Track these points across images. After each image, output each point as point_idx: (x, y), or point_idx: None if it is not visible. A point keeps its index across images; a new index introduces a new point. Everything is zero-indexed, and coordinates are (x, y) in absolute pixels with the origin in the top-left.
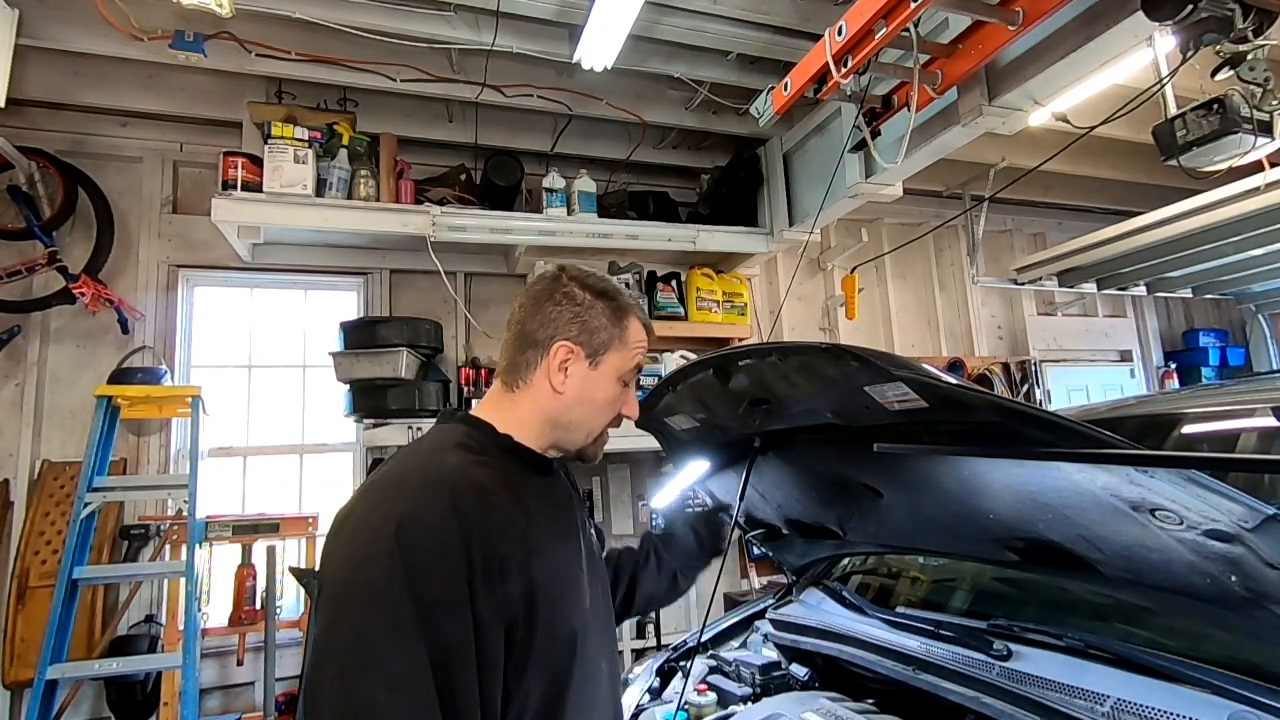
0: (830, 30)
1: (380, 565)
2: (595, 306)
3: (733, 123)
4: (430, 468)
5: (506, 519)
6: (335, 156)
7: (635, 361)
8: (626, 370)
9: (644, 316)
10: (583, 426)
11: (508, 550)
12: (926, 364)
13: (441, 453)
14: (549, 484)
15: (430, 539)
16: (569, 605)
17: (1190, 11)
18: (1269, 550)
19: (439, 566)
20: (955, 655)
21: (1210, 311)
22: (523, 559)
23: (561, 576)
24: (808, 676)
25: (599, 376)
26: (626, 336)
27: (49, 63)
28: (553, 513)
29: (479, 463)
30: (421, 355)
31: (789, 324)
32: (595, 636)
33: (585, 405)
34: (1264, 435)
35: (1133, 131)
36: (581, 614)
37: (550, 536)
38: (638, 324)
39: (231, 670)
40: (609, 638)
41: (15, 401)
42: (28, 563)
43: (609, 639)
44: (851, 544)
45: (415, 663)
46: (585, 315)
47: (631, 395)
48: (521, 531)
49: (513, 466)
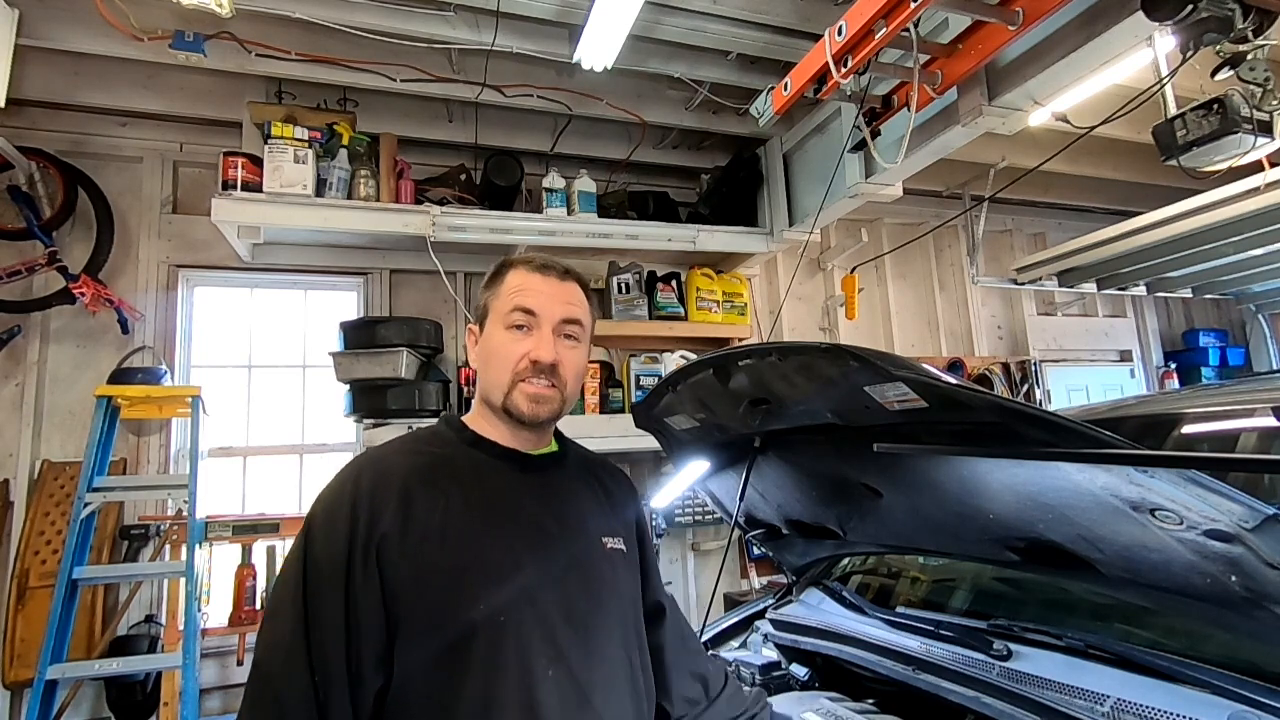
0: (830, 30)
1: (299, 537)
2: (482, 288)
3: (733, 123)
4: (359, 458)
5: (404, 501)
6: (335, 156)
7: (513, 302)
8: (505, 311)
9: (533, 259)
10: (493, 384)
11: (389, 530)
12: (926, 364)
13: (386, 445)
14: (519, 478)
15: (324, 516)
16: (475, 592)
17: (1190, 11)
18: (1269, 550)
19: (327, 539)
20: (955, 655)
21: (1210, 311)
22: (416, 541)
23: (472, 562)
24: (808, 676)
25: (488, 335)
26: (501, 288)
27: (49, 63)
28: (499, 503)
29: (414, 452)
30: (421, 355)
31: (789, 324)
32: (541, 637)
33: (484, 362)
34: (1264, 435)
35: (1133, 131)
36: (502, 605)
37: (482, 525)
38: (517, 270)
39: (231, 670)
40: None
41: (15, 401)
42: (28, 563)
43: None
44: (851, 544)
45: (293, 615)
46: (476, 301)
47: (534, 336)
48: (428, 515)
49: (469, 458)
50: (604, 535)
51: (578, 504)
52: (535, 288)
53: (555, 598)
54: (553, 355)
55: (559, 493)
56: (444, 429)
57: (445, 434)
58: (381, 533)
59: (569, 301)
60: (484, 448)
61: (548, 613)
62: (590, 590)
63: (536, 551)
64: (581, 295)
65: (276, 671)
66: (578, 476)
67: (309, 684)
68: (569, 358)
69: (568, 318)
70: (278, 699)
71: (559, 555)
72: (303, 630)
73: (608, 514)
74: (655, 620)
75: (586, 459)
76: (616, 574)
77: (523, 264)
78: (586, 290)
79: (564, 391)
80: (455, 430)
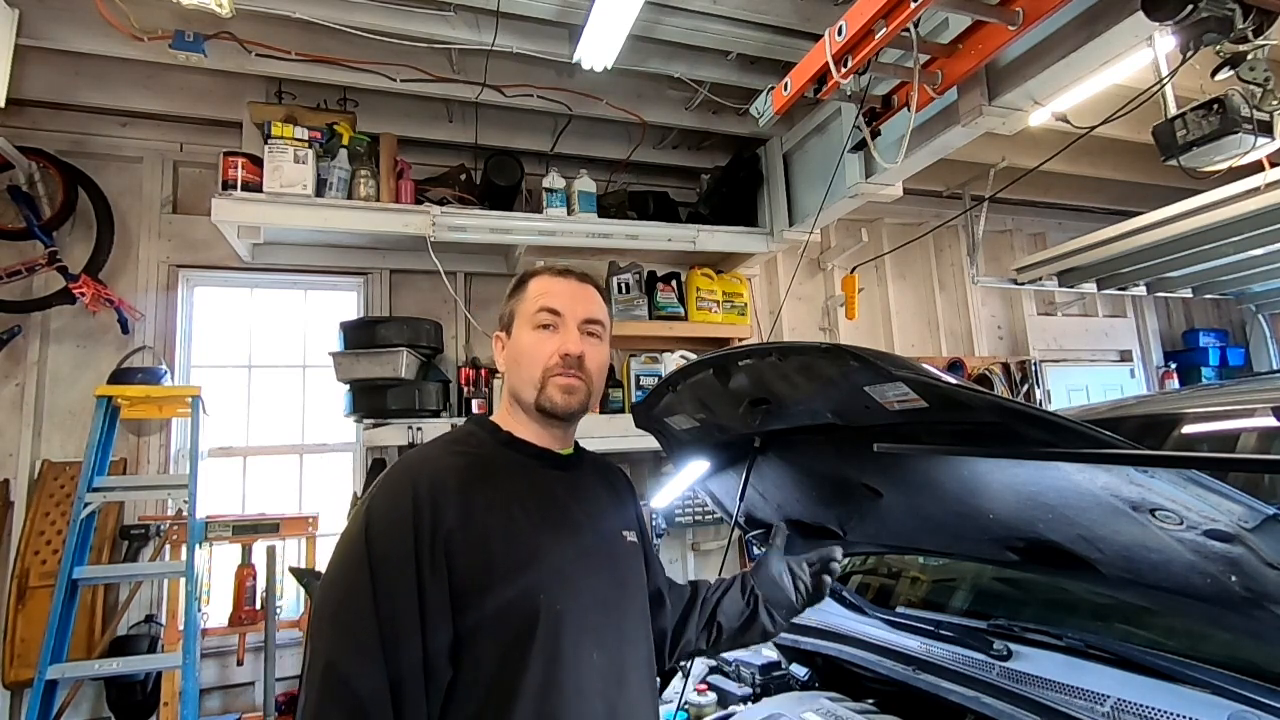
0: (830, 30)
1: (354, 537)
2: (506, 298)
3: (733, 123)
4: (407, 460)
5: (464, 499)
6: (335, 156)
7: (539, 304)
8: (531, 313)
9: (553, 267)
10: (526, 381)
11: (454, 526)
12: (926, 364)
13: (427, 447)
14: (554, 476)
15: (386, 517)
16: (535, 584)
17: (1190, 11)
18: (1269, 550)
19: (390, 538)
20: (955, 655)
21: (1210, 311)
22: (479, 536)
23: (530, 557)
24: (808, 676)
25: (516, 338)
26: (525, 294)
27: (49, 63)
28: (543, 500)
29: (457, 453)
30: (421, 355)
31: (789, 324)
32: (585, 624)
33: (514, 363)
34: (1264, 435)
35: (1133, 131)
36: (556, 595)
37: (534, 520)
38: (539, 277)
39: (231, 670)
40: (614, 632)
41: (15, 401)
42: (28, 563)
43: (613, 633)
44: (851, 544)
45: (364, 613)
46: (500, 310)
47: (561, 334)
48: (486, 512)
49: (507, 457)
50: (623, 529)
51: (599, 501)
52: (558, 290)
53: (593, 586)
54: (580, 348)
55: (587, 490)
56: (477, 430)
57: (480, 435)
58: (447, 529)
59: (590, 301)
60: (519, 447)
61: (589, 601)
62: (618, 578)
63: (577, 543)
64: (599, 298)
65: (353, 671)
66: (595, 476)
67: (384, 681)
68: (593, 353)
69: (590, 317)
70: (355, 697)
71: (593, 547)
72: (375, 629)
73: (621, 509)
74: (659, 604)
75: (595, 460)
76: (636, 565)
77: (544, 271)
78: (603, 294)
79: (590, 384)
80: (489, 432)
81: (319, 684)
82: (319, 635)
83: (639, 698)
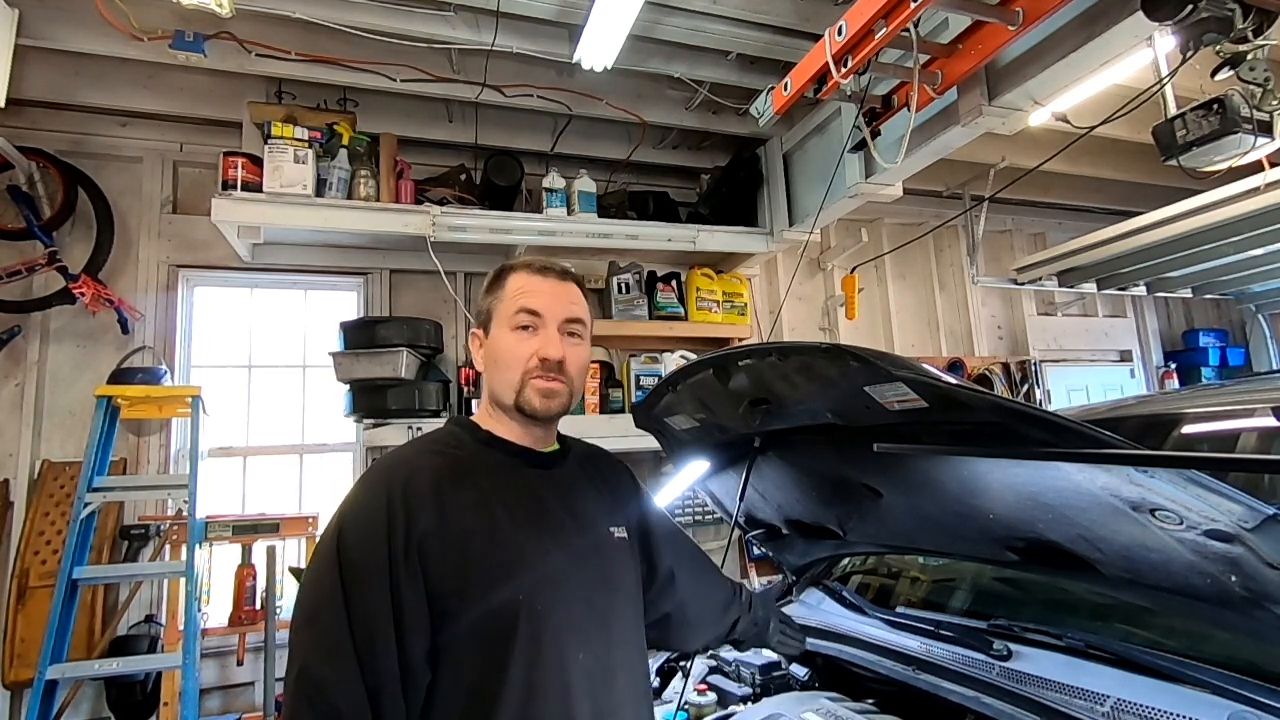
0: (830, 30)
1: (327, 543)
2: (483, 293)
3: (733, 123)
4: (383, 462)
5: (439, 501)
6: (335, 156)
7: (518, 304)
8: (510, 313)
9: (533, 262)
10: (504, 384)
11: (429, 528)
12: (926, 364)
13: (405, 447)
14: (536, 474)
15: (358, 521)
16: (516, 585)
17: (1190, 11)
18: (1269, 550)
19: (363, 542)
20: (955, 655)
21: (1210, 311)
22: (455, 537)
23: (510, 557)
24: (808, 676)
25: (494, 337)
26: (503, 292)
27: (49, 63)
28: (524, 499)
29: (435, 453)
30: (421, 355)
31: (789, 324)
32: (569, 625)
33: (493, 364)
34: (1264, 435)
35: (1133, 131)
36: (538, 596)
37: (514, 520)
38: (518, 274)
39: (231, 670)
40: (600, 632)
41: (15, 401)
42: (28, 563)
43: (600, 633)
44: (851, 544)
45: (337, 618)
46: (478, 306)
47: (541, 336)
48: (463, 513)
49: (487, 457)
50: (610, 526)
51: (584, 497)
52: (537, 289)
53: (579, 585)
54: (560, 352)
55: (570, 488)
56: (457, 430)
57: (459, 435)
58: (422, 531)
59: (571, 301)
60: (499, 446)
61: (574, 601)
62: (605, 577)
63: (560, 542)
64: (580, 295)
65: (327, 677)
66: (580, 472)
67: (360, 686)
68: (574, 354)
69: (571, 317)
70: (328, 702)
71: (578, 545)
72: (348, 634)
73: (611, 505)
74: (668, 585)
75: (586, 453)
76: (624, 562)
77: (523, 267)
78: (584, 290)
79: (571, 386)
80: (468, 431)
81: (293, 688)
82: (294, 641)
83: (629, 698)
